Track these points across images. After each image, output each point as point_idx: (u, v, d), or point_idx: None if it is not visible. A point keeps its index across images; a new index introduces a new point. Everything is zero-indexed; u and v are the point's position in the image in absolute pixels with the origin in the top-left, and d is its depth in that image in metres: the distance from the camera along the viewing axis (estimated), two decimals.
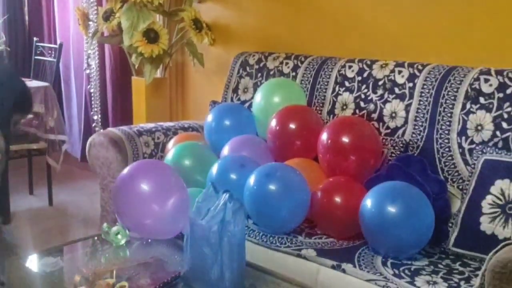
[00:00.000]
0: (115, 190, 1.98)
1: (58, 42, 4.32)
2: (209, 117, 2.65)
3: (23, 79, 1.76)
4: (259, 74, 2.91)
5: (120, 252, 1.97)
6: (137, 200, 1.92)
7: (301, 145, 2.40)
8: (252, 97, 2.79)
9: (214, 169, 2.25)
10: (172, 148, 2.53)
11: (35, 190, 4.16)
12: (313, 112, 2.56)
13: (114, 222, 2.03)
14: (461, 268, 1.85)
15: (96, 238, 2.07)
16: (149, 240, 2.01)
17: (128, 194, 1.93)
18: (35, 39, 4.37)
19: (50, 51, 4.19)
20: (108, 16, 3.25)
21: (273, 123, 2.44)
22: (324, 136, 2.26)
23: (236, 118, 2.63)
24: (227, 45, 3.37)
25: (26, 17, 4.92)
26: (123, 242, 1.97)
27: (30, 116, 3.76)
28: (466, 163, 2.13)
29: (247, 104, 2.88)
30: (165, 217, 1.92)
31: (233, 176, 2.21)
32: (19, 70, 4.45)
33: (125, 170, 1.99)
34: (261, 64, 2.92)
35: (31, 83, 3.74)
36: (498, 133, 2.08)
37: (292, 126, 2.40)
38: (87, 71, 4.20)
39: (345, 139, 2.20)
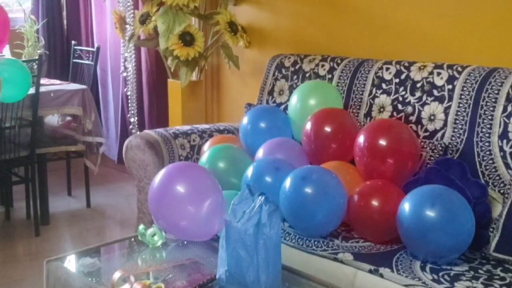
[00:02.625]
0: (151, 192, 1.99)
1: (96, 45, 4.37)
2: (245, 120, 2.65)
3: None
4: (295, 77, 2.90)
5: (156, 253, 1.98)
6: (173, 202, 1.93)
7: (336, 148, 2.37)
8: (288, 100, 2.78)
9: (249, 172, 2.24)
10: (207, 151, 2.53)
11: (73, 191, 4.23)
12: (349, 114, 2.54)
13: (150, 224, 2.05)
14: (502, 274, 1.81)
15: (132, 239, 2.09)
16: (185, 242, 2.02)
17: (164, 196, 1.94)
18: (73, 42, 4.44)
19: (87, 54, 4.25)
20: (144, 19, 3.28)
21: (309, 126, 2.42)
22: (361, 139, 2.23)
23: (272, 120, 2.62)
24: (262, 47, 3.36)
25: (65, 21, 5.00)
26: (159, 243, 1.99)
27: (68, 118, 3.83)
28: (507, 167, 2.08)
29: (282, 107, 2.87)
30: (201, 219, 1.92)
31: (268, 179, 2.20)
32: (58, 73, 4.52)
33: (161, 172, 2.00)
34: (297, 67, 2.91)
35: (69, 86, 3.80)
36: None
37: (328, 129, 2.38)
38: (124, 74, 4.24)
39: (383, 142, 2.18)
